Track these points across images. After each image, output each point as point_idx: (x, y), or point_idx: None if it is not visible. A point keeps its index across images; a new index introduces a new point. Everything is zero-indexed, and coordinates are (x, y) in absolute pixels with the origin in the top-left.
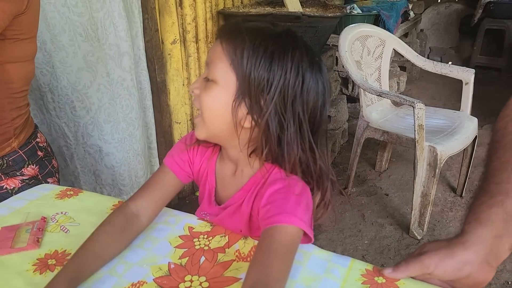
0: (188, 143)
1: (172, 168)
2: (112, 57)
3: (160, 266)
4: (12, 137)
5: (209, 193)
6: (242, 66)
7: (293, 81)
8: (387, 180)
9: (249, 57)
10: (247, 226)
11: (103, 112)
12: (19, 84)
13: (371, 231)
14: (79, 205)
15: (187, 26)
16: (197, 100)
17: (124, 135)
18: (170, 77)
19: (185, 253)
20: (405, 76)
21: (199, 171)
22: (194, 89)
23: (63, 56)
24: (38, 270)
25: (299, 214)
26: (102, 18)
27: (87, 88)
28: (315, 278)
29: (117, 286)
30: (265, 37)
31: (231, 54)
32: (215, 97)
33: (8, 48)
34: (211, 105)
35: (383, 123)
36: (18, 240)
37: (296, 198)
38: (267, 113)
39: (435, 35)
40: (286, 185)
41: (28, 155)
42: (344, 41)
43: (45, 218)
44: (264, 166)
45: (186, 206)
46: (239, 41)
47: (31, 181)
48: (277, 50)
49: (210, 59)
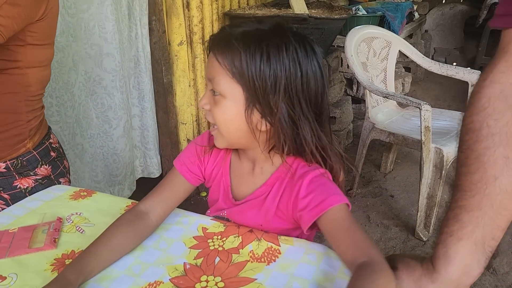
0: (199, 150)
1: (182, 172)
2: (92, 56)
3: (176, 267)
4: (27, 138)
5: (225, 191)
6: (244, 75)
7: (294, 75)
8: (392, 182)
9: (248, 65)
10: (269, 220)
11: (82, 109)
12: (36, 88)
13: (377, 232)
14: (93, 206)
15: (194, 28)
16: (209, 115)
17: (97, 131)
18: (176, 78)
19: (199, 253)
20: (410, 77)
21: (212, 173)
22: (204, 105)
23: (60, 57)
24: (56, 270)
25: (340, 193)
26: (87, 19)
27: (73, 86)
28: (328, 278)
29: (134, 286)
30: (257, 40)
31: (230, 66)
32: (227, 110)
33: (28, 54)
34: (224, 119)
35: (388, 125)
36: (35, 240)
37: (330, 182)
38: (278, 112)
39: (440, 36)
40: (318, 174)
41: (41, 156)
42: (350, 42)
43: (61, 219)
44: (285, 161)
45: (192, 206)
46: (234, 52)
47: (44, 181)
48: (272, 50)
49: (211, 75)
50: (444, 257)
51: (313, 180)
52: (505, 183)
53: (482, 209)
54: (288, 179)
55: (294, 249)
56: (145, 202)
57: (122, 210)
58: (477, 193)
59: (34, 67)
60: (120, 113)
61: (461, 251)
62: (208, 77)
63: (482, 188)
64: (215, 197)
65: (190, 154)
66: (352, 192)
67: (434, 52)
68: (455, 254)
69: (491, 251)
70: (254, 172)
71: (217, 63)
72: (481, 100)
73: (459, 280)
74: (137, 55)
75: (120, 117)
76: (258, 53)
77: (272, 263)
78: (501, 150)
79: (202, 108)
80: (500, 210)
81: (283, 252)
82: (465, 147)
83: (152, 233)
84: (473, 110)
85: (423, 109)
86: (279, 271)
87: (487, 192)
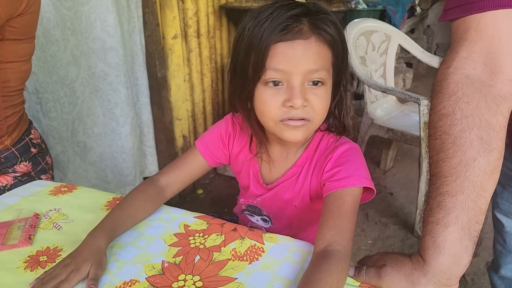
0: (223, 133)
1: (203, 153)
2: (95, 51)
3: (153, 265)
4: (5, 135)
5: (255, 176)
6: (337, 47)
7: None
8: (391, 179)
9: (339, 35)
10: (304, 200)
11: (85, 106)
12: (15, 83)
13: (375, 230)
14: (73, 201)
15: (189, 21)
16: (305, 113)
17: (104, 129)
18: (171, 72)
19: (179, 251)
20: (411, 73)
21: (237, 157)
22: (304, 103)
23: (55, 50)
24: (29, 268)
25: (364, 174)
26: (87, 12)
27: (73, 82)
28: None
29: (109, 284)
30: (326, 11)
31: (327, 38)
32: (327, 97)
33: (7, 48)
34: (324, 108)
35: (388, 121)
36: (9, 237)
37: (360, 159)
38: (346, 82)
39: (442, 31)
40: (348, 148)
41: (20, 152)
42: (349, 36)
43: (38, 215)
44: (313, 138)
45: (187, 204)
46: (326, 22)
47: (23, 178)
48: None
49: (314, 66)
50: (433, 247)
51: (343, 155)
52: (483, 163)
53: (465, 192)
54: (318, 155)
55: (279, 247)
56: (165, 176)
57: (103, 206)
58: (458, 177)
59: (13, 62)
60: (126, 110)
61: (449, 238)
62: (303, 70)
63: (463, 171)
64: (246, 183)
65: (213, 137)
66: None
67: (436, 47)
68: (444, 243)
69: (477, 236)
70: (288, 156)
71: (318, 46)
72: (449, 86)
73: (450, 271)
74: (135, 49)
75: (127, 114)
76: (332, 17)
77: (254, 262)
78: (476, 131)
79: (301, 107)
80: (480, 191)
81: (267, 250)
82: (439, 133)
83: None
84: (444, 97)
85: (422, 104)
86: (261, 270)
87: (468, 174)
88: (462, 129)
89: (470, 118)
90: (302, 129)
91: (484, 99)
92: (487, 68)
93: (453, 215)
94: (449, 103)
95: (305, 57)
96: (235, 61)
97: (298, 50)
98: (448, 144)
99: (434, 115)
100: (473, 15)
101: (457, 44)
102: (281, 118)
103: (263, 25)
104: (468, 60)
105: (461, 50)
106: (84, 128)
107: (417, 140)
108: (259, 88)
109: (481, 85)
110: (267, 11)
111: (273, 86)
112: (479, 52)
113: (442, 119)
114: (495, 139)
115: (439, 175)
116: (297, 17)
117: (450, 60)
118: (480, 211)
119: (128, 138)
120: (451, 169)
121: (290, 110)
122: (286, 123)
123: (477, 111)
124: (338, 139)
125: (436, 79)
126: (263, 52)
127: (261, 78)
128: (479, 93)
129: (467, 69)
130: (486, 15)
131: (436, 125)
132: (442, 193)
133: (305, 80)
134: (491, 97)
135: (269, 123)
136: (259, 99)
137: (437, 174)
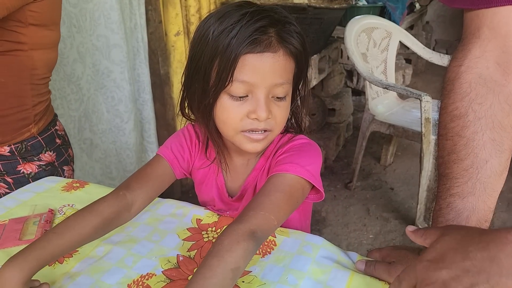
0: (189, 143)
1: (171, 163)
2: (99, 48)
3: (168, 259)
4: (32, 123)
5: (219, 190)
6: (299, 59)
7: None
8: (392, 174)
9: (303, 46)
10: None
11: (91, 103)
12: (42, 71)
13: (376, 225)
14: (86, 197)
15: (191, 18)
16: (268, 124)
17: (108, 126)
18: (173, 69)
19: (193, 245)
20: (411, 69)
21: (199, 171)
22: (268, 116)
23: (61, 48)
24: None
25: (306, 166)
26: (91, 9)
27: (80, 79)
28: (324, 270)
29: (126, 278)
30: (292, 21)
31: (293, 51)
32: (288, 108)
33: (32, 35)
34: (285, 119)
35: (388, 117)
36: (26, 232)
37: (312, 154)
38: (306, 89)
39: (441, 27)
40: (306, 143)
41: (46, 142)
42: (350, 33)
43: (53, 211)
44: (272, 141)
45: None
46: (292, 34)
47: (47, 167)
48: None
49: (280, 80)
50: None
51: (295, 146)
52: (495, 164)
53: (476, 194)
54: (272, 156)
55: (290, 241)
56: (133, 193)
57: None
58: (469, 179)
59: (39, 49)
60: (130, 106)
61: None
62: (269, 84)
63: (474, 174)
64: (210, 196)
65: (179, 146)
66: (351, 185)
67: (435, 43)
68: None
69: None
70: (248, 162)
71: (285, 59)
72: (462, 86)
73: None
74: (137, 45)
75: (131, 110)
76: (301, 33)
77: (267, 255)
78: (489, 133)
79: (265, 120)
80: (490, 192)
81: (279, 244)
82: (451, 134)
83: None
84: (456, 97)
85: (423, 100)
86: (274, 264)
87: (479, 176)
88: (475, 131)
89: (483, 119)
90: (263, 141)
91: (497, 99)
92: (500, 68)
93: (463, 216)
94: (462, 104)
95: (272, 70)
96: (196, 63)
97: (266, 63)
98: (460, 146)
99: (445, 115)
100: (485, 10)
101: (470, 41)
102: (242, 128)
103: (230, 33)
104: (481, 59)
105: (474, 48)
106: (90, 125)
107: (418, 135)
108: (222, 97)
109: (494, 85)
110: (234, 16)
111: (238, 98)
112: (492, 51)
113: (455, 120)
114: (507, 139)
115: (450, 176)
116: (265, 29)
117: (462, 58)
118: (489, 210)
119: (132, 134)
120: (463, 171)
121: (253, 121)
122: (247, 135)
123: (490, 113)
124: (294, 136)
125: (447, 77)
126: (231, 62)
127: (226, 87)
128: (492, 93)
129: (480, 68)
130: (499, 12)
131: (448, 126)
132: (452, 194)
133: (270, 93)
134: (504, 97)
135: (229, 133)
136: (222, 108)
137: (447, 175)
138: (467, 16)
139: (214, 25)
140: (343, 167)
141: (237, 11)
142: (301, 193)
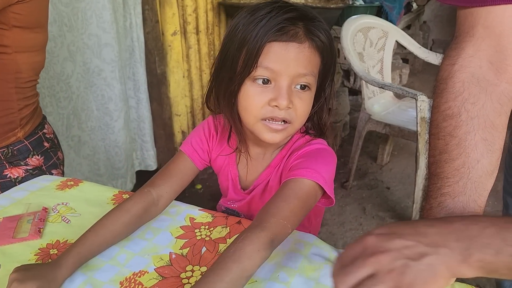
0: (207, 135)
1: (191, 156)
2: (91, 47)
3: (161, 256)
4: (18, 127)
5: (233, 182)
6: (326, 53)
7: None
8: (388, 174)
9: (329, 39)
10: None
11: (80, 101)
12: (27, 74)
13: (372, 224)
14: (80, 195)
15: (188, 17)
16: (288, 114)
17: (98, 123)
18: (170, 69)
19: (186, 243)
20: (408, 69)
21: (217, 160)
22: (288, 105)
23: (51, 47)
24: (40, 260)
25: (322, 172)
26: (84, 8)
27: (69, 78)
28: (315, 267)
29: (119, 275)
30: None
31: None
32: (310, 101)
33: (15, 37)
34: (306, 111)
35: (385, 116)
36: (19, 230)
37: (327, 160)
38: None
39: (438, 27)
40: (322, 148)
41: (33, 146)
42: (347, 32)
43: (46, 209)
44: (291, 139)
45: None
46: (320, 29)
47: (34, 171)
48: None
49: (304, 71)
50: None
51: (311, 152)
52: (486, 164)
53: (467, 194)
54: (290, 154)
55: None
56: (157, 189)
57: (109, 200)
58: (461, 179)
59: (24, 52)
60: (120, 105)
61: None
62: (293, 73)
63: (466, 173)
64: (225, 185)
65: (198, 139)
66: (348, 184)
67: (432, 43)
68: None
69: None
70: (265, 156)
71: (310, 52)
72: (455, 85)
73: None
74: (132, 45)
75: (121, 109)
76: (328, 31)
77: None
78: (481, 133)
79: (285, 108)
80: (481, 191)
81: None
82: (443, 134)
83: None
84: (449, 96)
85: (419, 99)
86: (265, 261)
87: (471, 176)
88: (467, 131)
89: (476, 119)
90: (282, 132)
91: (489, 99)
92: (493, 67)
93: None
94: (455, 103)
95: (297, 60)
96: (225, 54)
97: (291, 52)
98: (452, 145)
99: (438, 114)
100: (480, 9)
101: (463, 39)
102: (263, 116)
103: (259, 23)
104: (474, 58)
105: (468, 47)
106: (79, 122)
107: (414, 135)
108: (246, 84)
109: (486, 84)
110: (264, 9)
111: (261, 84)
112: (485, 50)
113: (447, 119)
114: (498, 139)
115: (441, 175)
116: (293, 20)
117: (456, 57)
118: (480, 209)
119: (121, 132)
120: (454, 170)
121: (274, 109)
122: (266, 123)
123: (483, 112)
124: (312, 139)
125: (440, 76)
126: (257, 49)
127: (250, 73)
128: (485, 92)
129: (473, 67)
130: (494, 11)
131: (440, 125)
132: (443, 194)
133: (293, 83)
134: (496, 97)
135: (250, 120)
136: (245, 94)
137: (438, 174)
138: (460, 13)
139: (245, 17)
140: (339, 166)
141: (268, 5)
142: (314, 199)
